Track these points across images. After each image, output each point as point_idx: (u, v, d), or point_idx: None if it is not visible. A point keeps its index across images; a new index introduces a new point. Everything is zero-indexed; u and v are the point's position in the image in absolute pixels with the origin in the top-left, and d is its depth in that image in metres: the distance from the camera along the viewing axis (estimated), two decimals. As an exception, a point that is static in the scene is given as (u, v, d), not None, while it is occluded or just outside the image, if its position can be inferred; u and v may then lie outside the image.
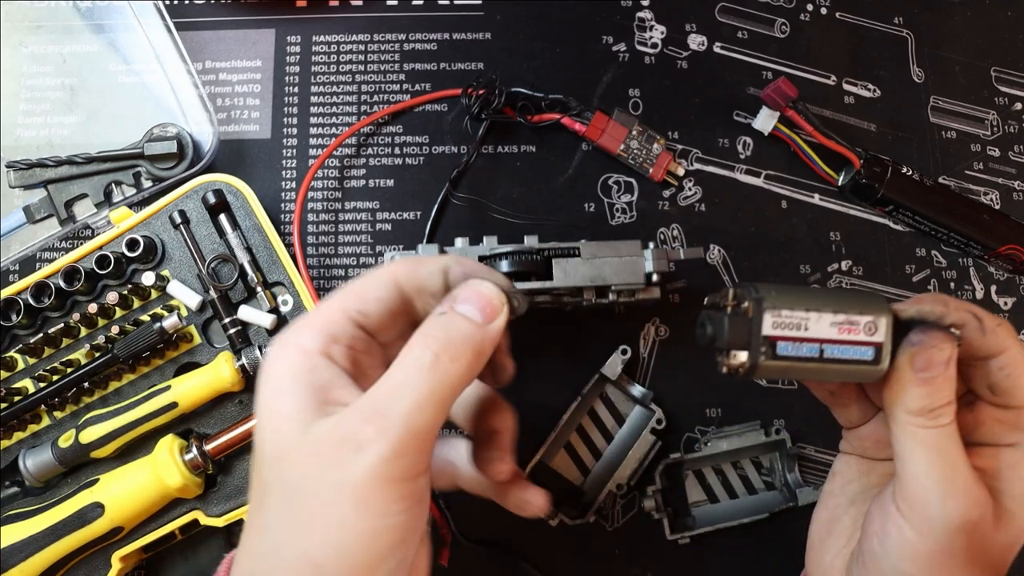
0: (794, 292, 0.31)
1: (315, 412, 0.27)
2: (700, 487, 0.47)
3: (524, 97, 0.49)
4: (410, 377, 0.27)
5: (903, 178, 0.48)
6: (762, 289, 0.30)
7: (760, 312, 0.30)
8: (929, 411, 0.31)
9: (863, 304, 0.32)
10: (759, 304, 0.30)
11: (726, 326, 0.30)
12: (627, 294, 0.42)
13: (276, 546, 0.27)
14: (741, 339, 0.30)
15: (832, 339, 0.31)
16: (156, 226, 0.45)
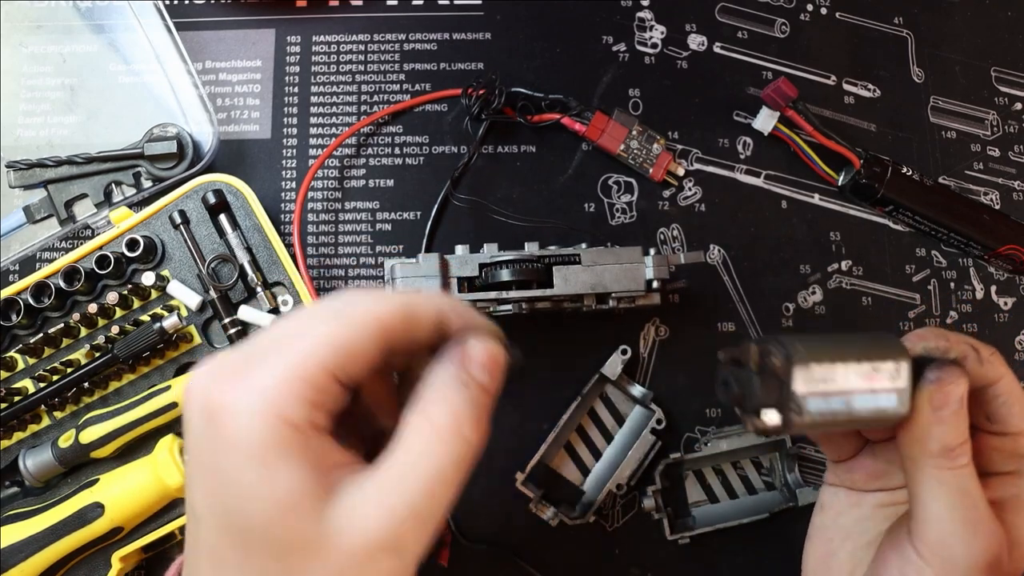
0: (818, 344, 0.30)
1: (322, 494, 0.24)
2: (700, 487, 0.47)
3: (524, 97, 0.49)
4: (444, 467, 0.25)
5: (903, 178, 0.48)
6: (788, 344, 0.29)
7: (790, 370, 0.29)
8: (949, 451, 0.30)
9: (884, 349, 0.31)
10: (788, 362, 0.29)
11: (756, 387, 0.29)
12: (627, 300, 0.42)
13: None
14: (771, 399, 0.29)
15: (859, 389, 0.30)
16: (156, 226, 0.45)
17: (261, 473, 0.23)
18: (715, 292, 0.49)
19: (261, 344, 0.25)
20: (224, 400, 0.24)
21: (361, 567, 0.24)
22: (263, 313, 0.44)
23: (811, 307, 0.49)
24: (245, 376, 0.24)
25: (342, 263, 0.49)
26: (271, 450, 0.23)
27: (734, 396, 0.30)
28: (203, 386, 0.24)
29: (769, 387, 0.29)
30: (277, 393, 0.24)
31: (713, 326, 0.48)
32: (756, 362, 0.30)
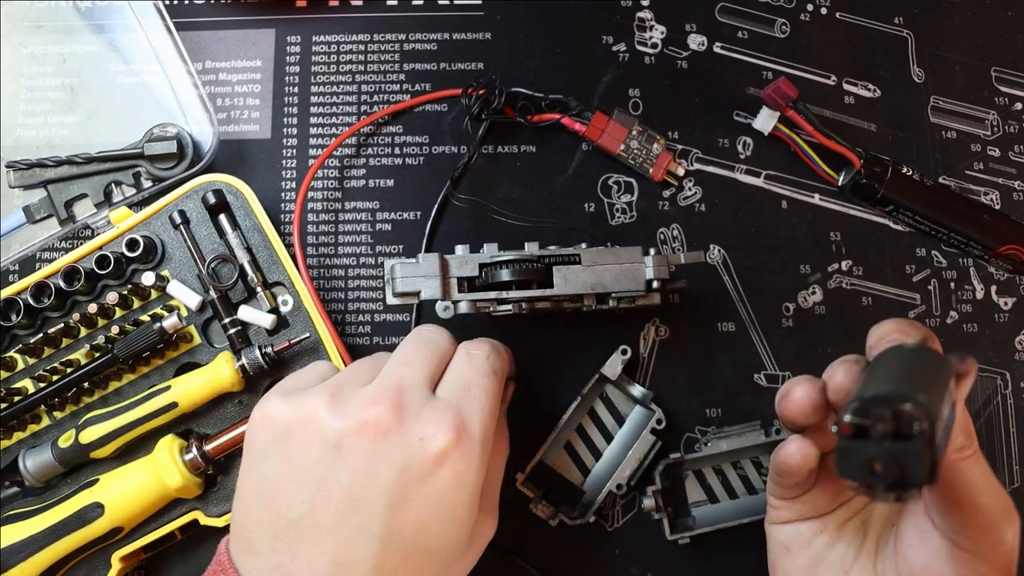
0: (921, 383, 0.27)
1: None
2: (700, 487, 0.47)
3: (524, 97, 0.49)
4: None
5: (903, 178, 0.48)
6: (915, 396, 0.25)
7: (934, 426, 0.25)
8: (969, 437, 0.31)
9: (944, 366, 0.29)
10: (931, 416, 0.25)
11: (916, 458, 0.25)
12: (627, 300, 0.42)
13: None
14: (931, 464, 0.25)
15: (947, 417, 0.27)
16: (156, 226, 0.45)
17: (470, 501, 0.34)
18: (715, 292, 0.49)
19: (455, 394, 0.36)
20: (451, 445, 0.34)
21: None
22: (263, 313, 0.44)
23: (811, 307, 0.49)
24: (458, 423, 0.34)
25: (342, 263, 0.49)
26: (477, 484, 0.35)
27: (889, 478, 0.25)
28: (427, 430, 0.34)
29: (925, 453, 0.25)
30: (485, 437, 0.35)
31: (713, 326, 0.48)
32: (893, 428, 0.25)
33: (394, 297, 0.41)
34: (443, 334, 0.39)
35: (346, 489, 0.32)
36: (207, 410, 0.43)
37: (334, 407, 0.33)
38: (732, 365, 0.48)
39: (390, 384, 0.34)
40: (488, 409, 0.35)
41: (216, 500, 0.43)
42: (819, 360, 0.48)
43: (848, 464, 0.26)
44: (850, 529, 0.37)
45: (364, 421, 0.32)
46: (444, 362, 0.37)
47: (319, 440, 0.33)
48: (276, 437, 0.34)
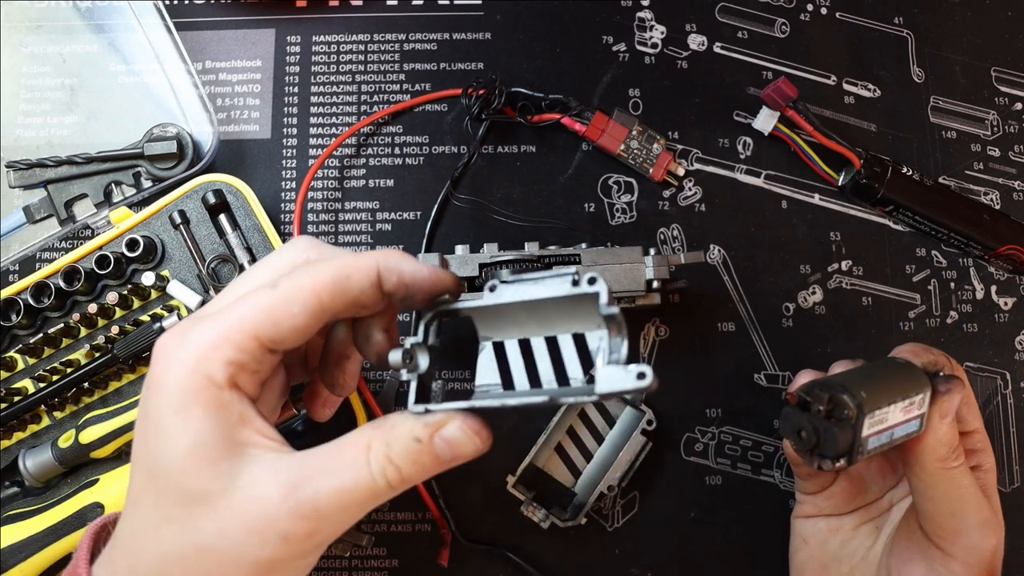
0: (873, 384, 0.33)
1: (227, 452, 0.25)
2: (495, 363, 0.30)
3: (524, 97, 0.49)
4: (359, 490, 0.25)
5: (903, 178, 0.48)
6: (855, 391, 0.32)
7: (861, 418, 0.32)
8: (952, 451, 0.35)
9: (914, 381, 0.34)
10: (860, 411, 0.32)
11: (837, 437, 0.32)
12: (627, 300, 0.42)
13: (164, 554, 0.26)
14: (846, 446, 0.32)
15: (900, 421, 0.34)
16: (156, 226, 0.45)
17: (175, 418, 0.25)
18: (715, 292, 0.49)
19: (213, 306, 0.28)
20: (165, 350, 0.26)
21: (247, 536, 0.25)
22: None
23: (811, 307, 0.49)
24: (187, 332, 0.26)
25: (342, 263, 0.49)
26: (188, 398, 0.25)
27: (808, 444, 0.33)
28: (162, 338, 0.27)
29: (847, 436, 0.32)
30: (204, 349, 0.26)
31: (713, 326, 0.48)
32: (827, 409, 0.32)
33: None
34: (307, 242, 0.30)
35: None
36: (207, 410, 0.43)
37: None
38: (732, 365, 0.48)
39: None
40: (225, 333, 0.26)
41: (216, 500, 0.43)
42: (819, 360, 0.48)
43: (785, 426, 0.34)
44: (864, 532, 0.41)
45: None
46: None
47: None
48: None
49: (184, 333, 0.26)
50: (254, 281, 0.28)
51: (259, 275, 0.29)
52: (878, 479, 0.42)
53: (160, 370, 0.26)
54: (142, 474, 0.26)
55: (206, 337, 0.26)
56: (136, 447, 0.27)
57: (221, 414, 0.26)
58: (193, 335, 0.26)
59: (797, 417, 0.33)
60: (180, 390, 0.25)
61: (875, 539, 0.41)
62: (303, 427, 0.45)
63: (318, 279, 0.27)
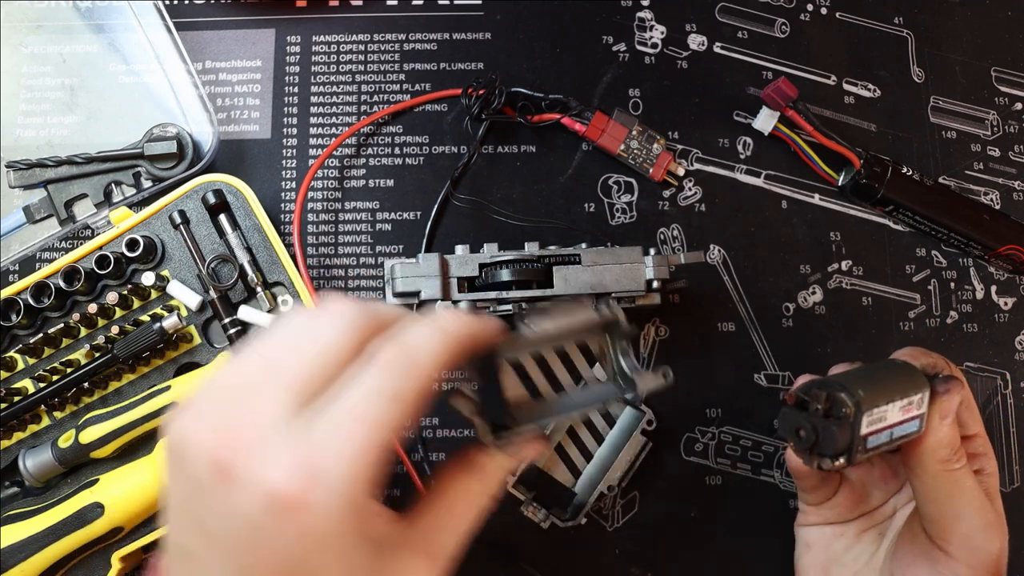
0: (871, 383, 0.33)
1: (378, 566, 0.25)
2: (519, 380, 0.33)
3: (524, 97, 0.49)
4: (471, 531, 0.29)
5: (903, 178, 0.48)
6: (853, 391, 0.32)
7: (859, 416, 0.32)
8: (954, 452, 0.35)
9: (912, 381, 0.34)
10: (858, 409, 0.32)
11: (833, 435, 0.32)
12: (627, 300, 0.42)
13: None
14: (845, 444, 0.32)
15: (899, 421, 0.33)
16: (156, 226, 0.45)
17: (335, 564, 0.23)
18: (715, 292, 0.49)
19: (328, 415, 0.24)
20: (298, 496, 0.23)
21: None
22: (263, 313, 0.44)
23: (811, 307, 0.49)
24: (311, 462, 0.23)
25: (342, 263, 0.49)
26: (346, 541, 0.23)
27: (807, 443, 0.33)
28: (270, 474, 0.23)
29: (845, 434, 0.32)
30: (352, 485, 0.23)
31: (713, 326, 0.48)
32: (824, 408, 0.32)
33: (394, 297, 0.41)
34: (342, 321, 0.26)
35: (180, 534, 0.25)
36: (207, 410, 0.43)
37: (197, 430, 0.24)
38: (732, 365, 0.48)
39: (241, 409, 0.24)
40: (363, 449, 0.24)
41: (216, 500, 0.43)
42: (819, 360, 0.48)
43: (783, 425, 0.34)
44: (867, 538, 0.41)
45: (211, 465, 0.24)
46: (329, 367, 0.25)
47: (187, 474, 0.25)
48: (169, 463, 0.26)
49: (306, 466, 0.23)
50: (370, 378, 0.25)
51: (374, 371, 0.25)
52: (880, 485, 0.42)
53: (302, 519, 0.23)
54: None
55: (347, 467, 0.23)
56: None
57: (370, 537, 0.25)
58: (329, 469, 0.23)
59: (795, 417, 0.33)
60: (336, 536, 0.23)
61: (878, 545, 0.41)
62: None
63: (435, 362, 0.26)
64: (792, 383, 0.48)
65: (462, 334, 0.27)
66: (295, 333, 0.26)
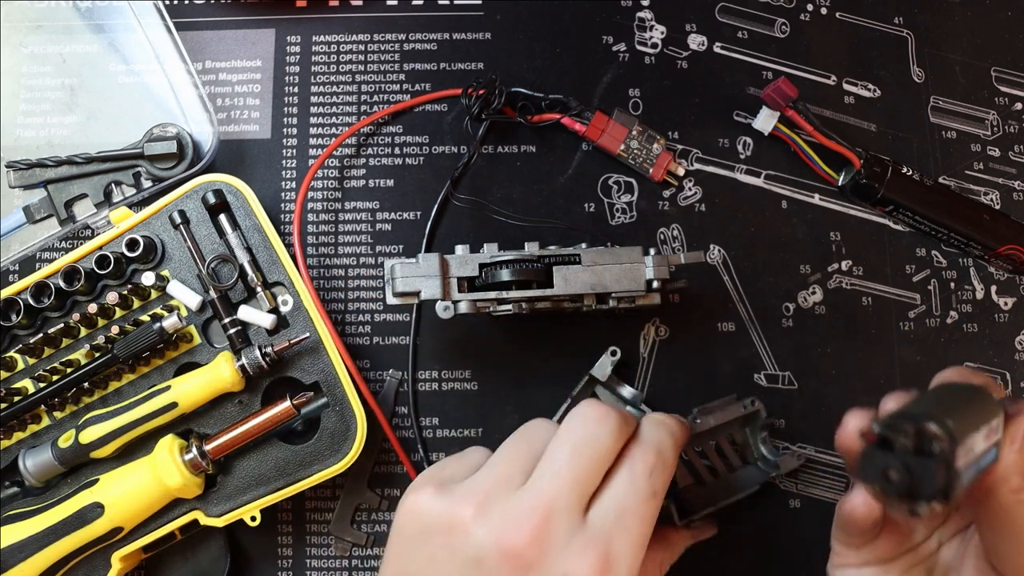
0: (954, 411, 0.29)
1: None
2: (685, 468, 0.44)
3: (524, 97, 0.49)
4: None
5: (903, 178, 0.48)
6: (942, 419, 0.27)
7: (955, 448, 0.27)
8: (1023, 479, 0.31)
9: (988, 405, 0.31)
10: (954, 438, 0.27)
11: (930, 474, 0.27)
12: (627, 300, 0.42)
13: None
14: (943, 482, 0.27)
15: (983, 451, 0.29)
16: (156, 226, 0.45)
17: None
18: (715, 292, 0.49)
19: (612, 515, 0.32)
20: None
21: None
22: (263, 313, 0.44)
23: (811, 307, 0.49)
24: (607, 557, 0.30)
25: (342, 263, 0.49)
26: None
27: (902, 487, 0.27)
28: (571, 568, 0.30)
29: (939, 471, 0.27)
30: (636, 573, 0.31)
31: (713, 326, 0.48)
32: (915, 444, 0.27)
33: (394, 297, 0.41)
34: (608, 429, 0.33)
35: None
36: (207, 410, 0.43)
37: (479, 517, 0.31)
38: (732, 365, 0.48)
39: (539, 506, 0.31)
40: (640, 540, 0.31)
41: (216, 500, 0.43)
42: (819, 360, 0.48)
43: (868, 469, 0.28)
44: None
45: (506, 548, 0.30)
46: (603, 470, 0.33)
47: (461, 550, 0.31)
48: (421, 533, 0.33)
49: (611, 569, 0.31)
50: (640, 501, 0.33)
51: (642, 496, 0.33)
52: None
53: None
54: None
55: (632, 571, 0.31)
56: None
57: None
58: (622, 571, 0.31)
59: (881, 457, 0.28)
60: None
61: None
62: (303, 427, 0.45)
63: (669, 478, 0.34)
64: (792, 383, 0.48)
65: (681, 438, 0.35)
66: (573, 439, 0.33)
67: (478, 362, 0.48)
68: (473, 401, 0.48)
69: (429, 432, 0.47)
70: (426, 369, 0.48)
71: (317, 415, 0.43)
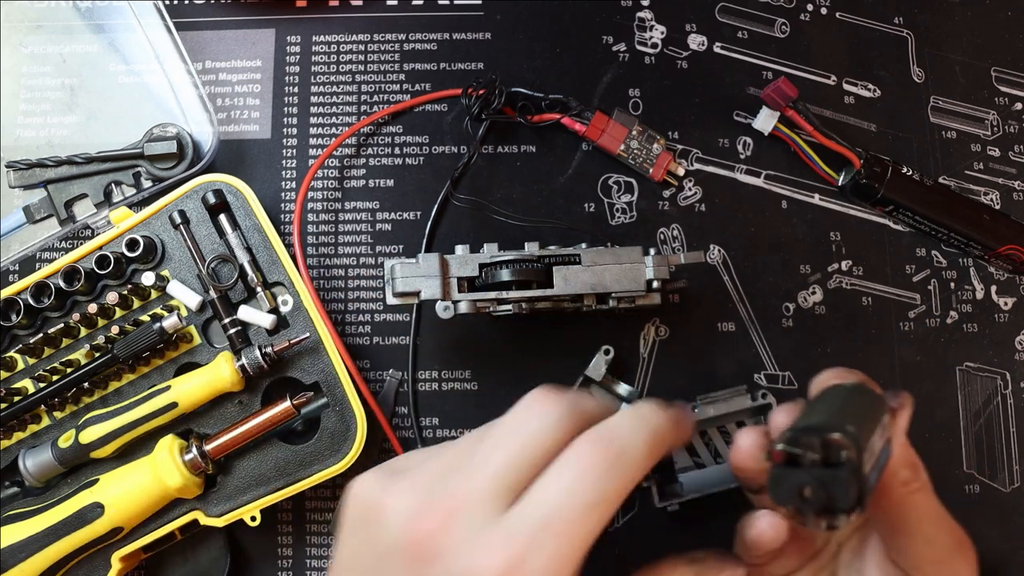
0: (850, 416, 0.28)
1: None
2: (686, 452, 0.45)
3: (524, 97, 0.49)
4: None
5: (903, 178, 0.48)
6: (844, 427, 0.27)
7: (861, 453, 0.26)
8: (914, 471, 0.31)
9: (876, 403, 0.30)
10: (859, 445, 0.26)
11: (842, 485, 0.26)
12: (627, 300, 0.42)
13: None
14: (858, 492, 0.26)
15: (878, 449, 0.29)
16: (156, 226, 0.45)
17: None
18: (715, 292, 0.49)
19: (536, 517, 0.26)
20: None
21: None
22: (263, 313, 0.44)
23: (811, 307, 0.49)
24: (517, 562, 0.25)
25: (342, 263, 0.49)
26: None
27: (818, 503, 0.26)
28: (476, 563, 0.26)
29: (851, 480, 0.26)
30: None
31: (713, 326, 0.48)
32: (822, 456, 0.26)
33: (394, 297, 0.41)
34: (548, 418, 0.29)
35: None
36: (207, 410, 0.43)
37: (397, 506, 0.28)
38: (732, 365, 0.48)
39: (452, 496, 0.27)
40: (568, 552, 0.26)
41: (216, 500, 0.43)
42: (819, 360, 0.48)
43: (780, 491, 0.27)
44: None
45: (412, 537, 0.27)
46: (537, 464, 0.28)
47: (378, 538, 0.29)
48: (356, 519, 0.30)
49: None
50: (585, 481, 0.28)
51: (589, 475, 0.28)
52: None
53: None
54: None
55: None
56: None
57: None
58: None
59: (791, 476, 0.27)
60: None
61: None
62: (303, 427, 0.45)
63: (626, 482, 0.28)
64: (792, 383, 0.48)
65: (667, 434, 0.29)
66: (506, 429, 0.28)
67: (478, 362, 0.48)
68: (473, 401, 0.48)
69: (429, 432, 0.47)
70: (426, 369, 0.48)
71: (317, 415, 0.43)
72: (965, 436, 0.48)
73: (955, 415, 0.48)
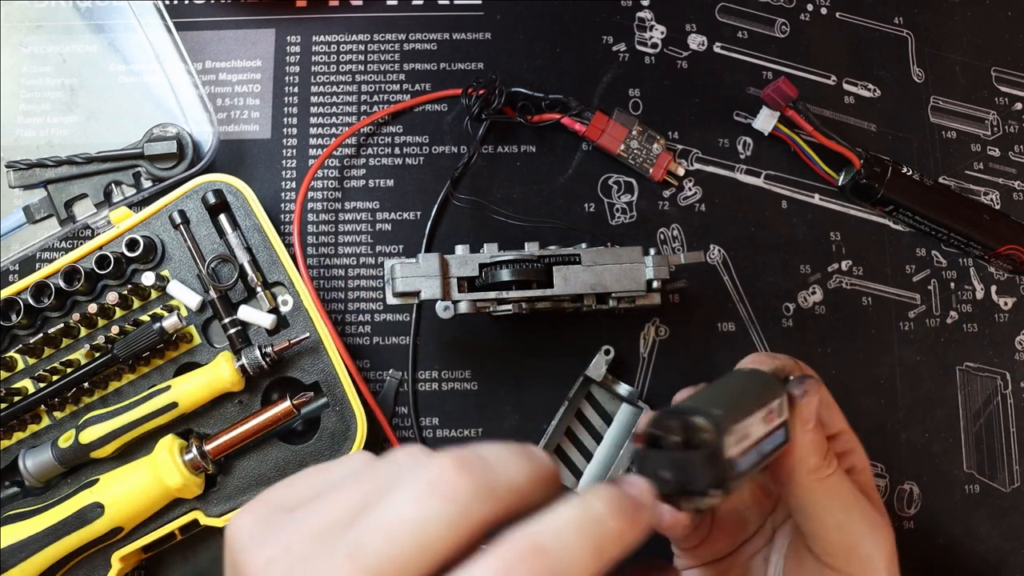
0: (724, 399, 0.28)
1: None
2: None
3: (524, 97, 0.49)
4: None
5: (903, 178, 0.48)
6: (707, 410, 0.27)
7: (721, 437, 0.26)
8: (823, 458, 0.31)
9: (766, 387, 0.30)
10: (719, 428, 0.26)
11: (698, 467, 0.26)
12: (627, 300, 0.42)
13: None
14: (715, 474, 0.26)
15: (764, 434, 0.29)
16: (156, 226, 0.45)
17: None
18: (715, 292, 0.49)
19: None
20: None
21: None
22: (263, 313, 0.44)
23: (811, 307, 0.49)
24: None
25: (342, 263, 0.49)
26: None
27: (676, 485, 0.26)
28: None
29: (712, 463, 0.26)
30: None
31: (713, 326, 0.48)
32: (683, 439, 0.27)
33: (394, 297, 0.41)
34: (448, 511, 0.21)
35: None
36: (207, 410, 0.43)
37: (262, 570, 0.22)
38: (732, 365, 0.48)
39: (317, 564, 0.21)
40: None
41: (216, 500, 0.43)
42: (819, 360, 0.48)
43: (644, 472, 0.27)
44: (753, 567, 0.37)
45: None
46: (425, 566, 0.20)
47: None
48: (228, 567, 0.24)
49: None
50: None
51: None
52: (755, 508, 0.37)
53: None
54: None
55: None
56: None
57: None
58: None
59: (652, 458, 0.27)
60: None
61: (765, 572, 0.36)
62: (303, 427, 0.45)
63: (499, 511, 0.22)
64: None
65: (624, 538, 0.21)
66: (400, 514, 0.21)
67: (478, 362, 0.48)
68: (473, 401, 0.48)
69: (429, 432, 0.47)
70: (426, 369, 0.48)
71: (317, 415, 0.43)
72: (965, 436, 0.48)
73: (955, 415, 0.48)
